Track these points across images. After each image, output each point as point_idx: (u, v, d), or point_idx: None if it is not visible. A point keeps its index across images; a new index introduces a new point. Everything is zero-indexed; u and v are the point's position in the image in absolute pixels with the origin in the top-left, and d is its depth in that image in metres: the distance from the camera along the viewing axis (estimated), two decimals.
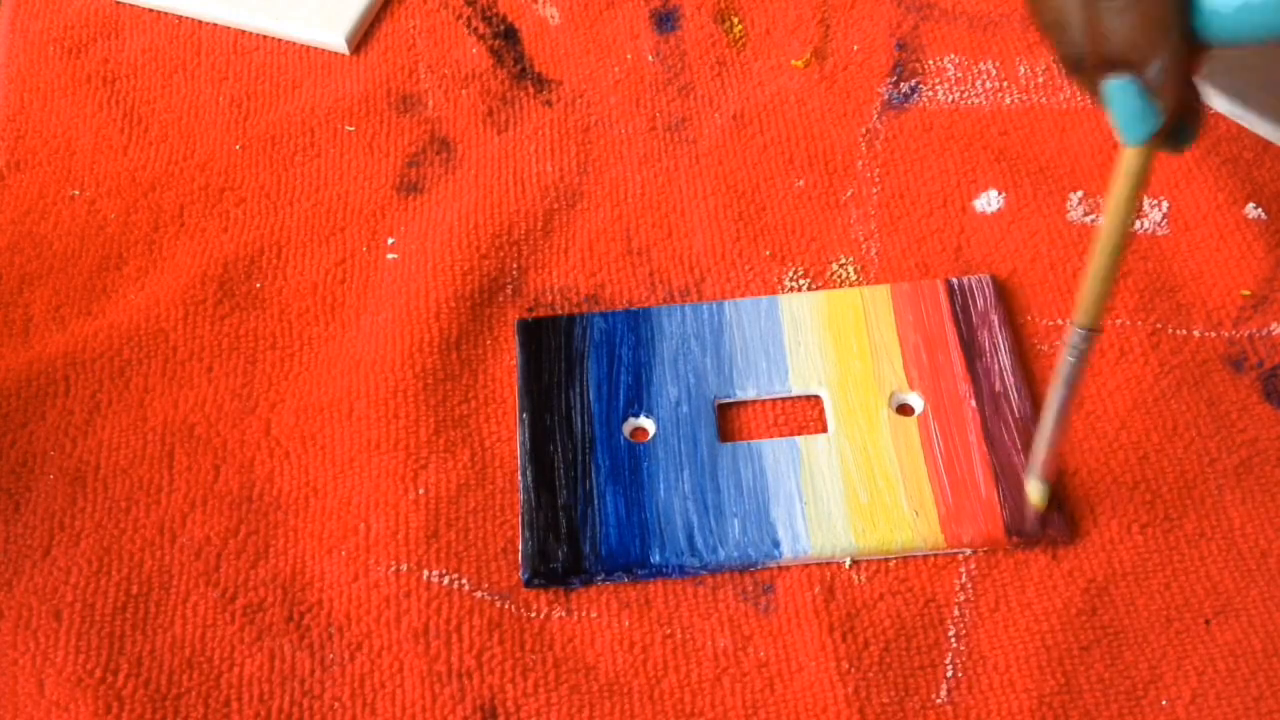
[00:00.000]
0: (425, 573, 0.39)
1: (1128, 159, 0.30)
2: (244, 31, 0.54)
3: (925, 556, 0.39)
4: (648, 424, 0.41)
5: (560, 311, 0.45)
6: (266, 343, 0.44)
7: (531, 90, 0.51)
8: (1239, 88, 0.43)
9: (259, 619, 0.38)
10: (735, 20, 0.53)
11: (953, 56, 0.51)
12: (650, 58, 0.52)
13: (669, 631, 0.38)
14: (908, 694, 0.36)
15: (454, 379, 0.43)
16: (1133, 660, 0.37)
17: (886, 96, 0.50)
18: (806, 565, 0.39)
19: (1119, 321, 0.43)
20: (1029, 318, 0.44)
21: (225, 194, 0.48)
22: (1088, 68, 0.28)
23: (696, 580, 0.39)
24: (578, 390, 0.42)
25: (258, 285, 0.46)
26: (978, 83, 0.50)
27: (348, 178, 0.49)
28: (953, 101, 0.50)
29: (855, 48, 0.52)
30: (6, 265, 0.46)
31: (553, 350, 0.43)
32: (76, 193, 0.49)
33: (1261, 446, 0.40)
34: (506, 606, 0.38)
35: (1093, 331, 0.33)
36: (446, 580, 0.39)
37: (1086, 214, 0.46)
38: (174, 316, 0.45)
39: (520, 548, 0.39)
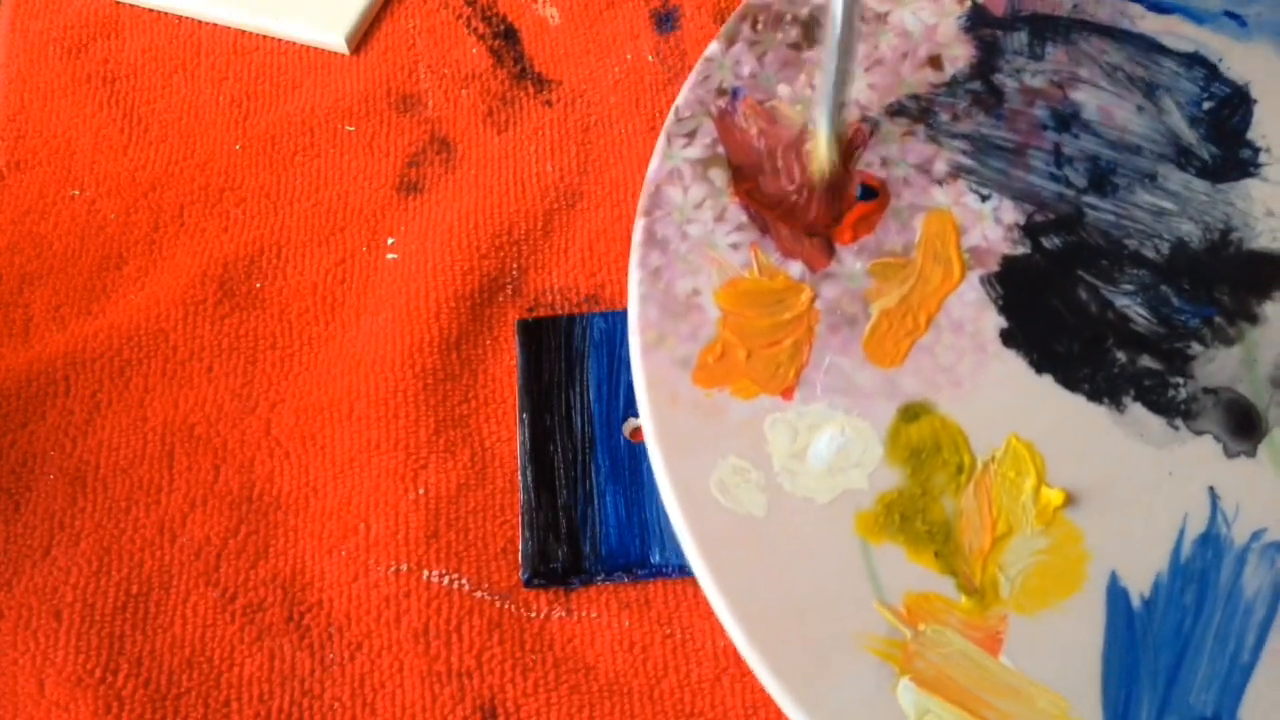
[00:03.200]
0: (425, 573, 0.39)
1: None
2: (244, 31, 0.54)
3: None
4: None
5: (560, 311, 0.45)
6: (266, 343, 0.44)
7: (531, 90, 0.51)
8: None
9: (259, 619, 0.38)
10: None
11: None
12: (650, 58, 0.52)
13: (669, 631, 0.38)
14: None
15: (454, 379, 0.43)
16: None
17: None
18: None
19: None
20: None
21: (225, 194, 0.48)
22: None
23: (697, 580, 0.39)
24: (578, 390, 0.42)
25: (258, 285, 0.46)
26: None
27: (348, 178, 0.49)
28: None
29: None
30: (6, 265, 0.46)
31: (553, 350, 0.43)
32: (76, 193, 0.49)
33: None
34: (506, 606, 0.38)
35: None
36: (446, 580, 0.39)
37: None
38: (174, 316, 0.45)
39: (520, 548, 0.39)
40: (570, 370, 0.42)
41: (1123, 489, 0.35)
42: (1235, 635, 0.33)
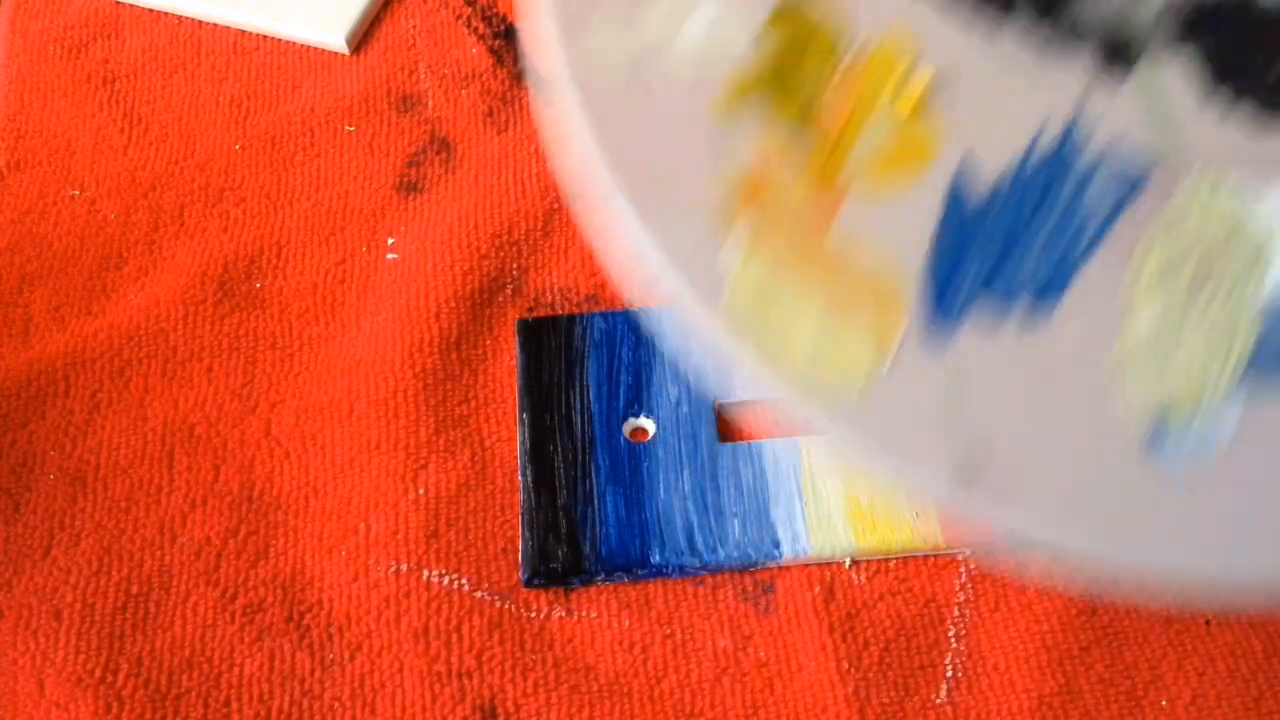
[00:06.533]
0: (425, 573, 0.39)
1: None
2: (244, 31, 0.54)
3: (925, 557, 0.39)
4: (648, 424, 0.41)
5: (560, 311, 0.45)
6: (266, 343, 0.44)
7: (532, 90, 0.51)
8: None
9: (259, 619, 0.38)
10: None
11: None
12: None
13: (669, 631, 0.38)
14: (908, 694, 0.36)
15: (454, 379, 0.43)
16: (1133, 660, 0.37)
17: None
18: (806, 565, 0.39)
19: None
20: None
21: (225, 194, 0.48)
22: None
23: (696, 580, 0.39)
24: (578, 390, 0.42)
25: (258, 285, 0.46)
26: None
27: (348, 178, 0.49)
28: None
29: None
30: (6, 265, 0.46)
31: (553, 350, 0.43)
32: (76, 193, 0.49)
33: None
34: (506, 606, 0.38)
35: None
36: (446, 580, 0.39)
37: None
38: (174, 316, 0.45)
39: (520, 548, 0.39)
40: (570, 370, 0.42)
41: (990, 88, 0.35)
42: (1071, 234, 0.34)
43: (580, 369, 0.42)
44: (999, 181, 0.34)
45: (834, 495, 0.39)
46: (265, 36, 0.53)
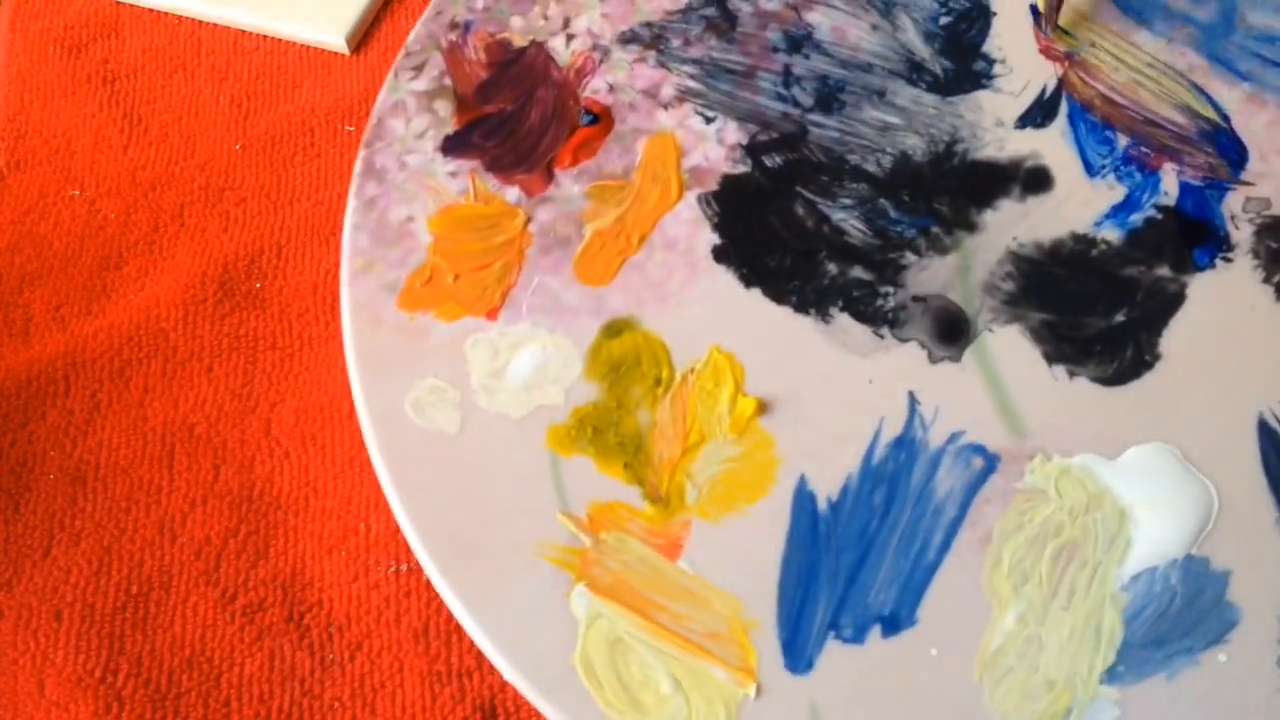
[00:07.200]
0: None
1: None
2: (244, 31, 0.54)
3: None
4: None
5: None
6: (266, 343, 0.44)
7: None
8: None
9: (259, 619, 0.38)
10: None
11: None
12: None
13: None
14: None
15: None
16: None
17: None
18: None
19: None
20: None
21: (225, 194, 0.48)
22: None
23: None
24: None
25: (258, 285, 0.46)
26: None
27: (348, 178, 0.49)
28: None
29: None
30: (6, 265, 0.46)
31: None
32: (76, 193, 0.49)
33: None
34: None
35: None
36: None
37: None
38: (174, 316, 0.45)
39: None
40: None
41: (821, 397, 0.35)
42: (922, 535, 0.33)
43: None
44: (844, 487, 0.34)
45: None
46: (265, 36, 0.53)
